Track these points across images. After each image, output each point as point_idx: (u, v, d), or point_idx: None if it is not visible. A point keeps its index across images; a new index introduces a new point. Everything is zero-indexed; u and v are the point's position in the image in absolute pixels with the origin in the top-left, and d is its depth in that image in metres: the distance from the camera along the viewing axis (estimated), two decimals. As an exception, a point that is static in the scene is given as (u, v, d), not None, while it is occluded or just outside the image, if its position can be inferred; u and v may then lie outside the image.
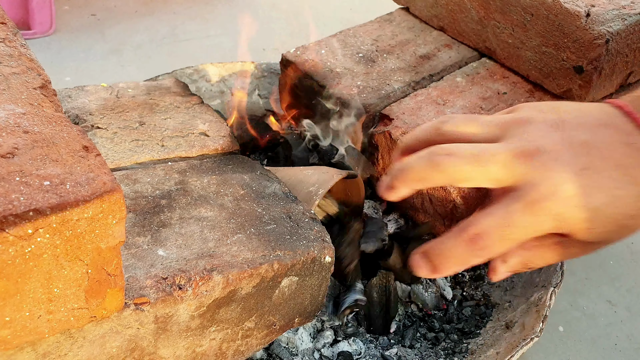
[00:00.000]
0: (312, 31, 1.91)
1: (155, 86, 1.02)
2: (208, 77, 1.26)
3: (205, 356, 0.71)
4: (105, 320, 0.59)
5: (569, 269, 1.15)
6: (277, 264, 0.69)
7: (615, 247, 1.23)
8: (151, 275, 0.63)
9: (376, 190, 1.03)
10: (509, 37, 1.04)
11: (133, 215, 0.71)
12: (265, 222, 0.74)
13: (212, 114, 0.96)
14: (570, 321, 1.07)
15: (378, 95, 1.01)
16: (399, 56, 1.11)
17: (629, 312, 1.10)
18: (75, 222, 0.47)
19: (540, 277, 0.95)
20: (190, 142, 0.88)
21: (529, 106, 0.59)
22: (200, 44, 1.85)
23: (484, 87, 1.04)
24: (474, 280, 1.02)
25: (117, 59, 1.74)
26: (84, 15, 1.93)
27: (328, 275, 0.77)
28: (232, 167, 0.85)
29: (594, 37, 0.91)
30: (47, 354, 0.57)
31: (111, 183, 0.49)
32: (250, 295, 0.69)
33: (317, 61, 1.09)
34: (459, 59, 1.11)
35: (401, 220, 1.03)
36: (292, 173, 0.90)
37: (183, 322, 0.65)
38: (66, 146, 0.52)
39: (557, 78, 0.99)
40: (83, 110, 0.92)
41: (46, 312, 0.50)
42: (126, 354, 0.63)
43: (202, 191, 0.78)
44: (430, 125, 0.61)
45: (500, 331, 0.89)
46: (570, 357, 1.01)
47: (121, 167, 0.82)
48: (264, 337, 0.75)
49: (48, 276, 0.48)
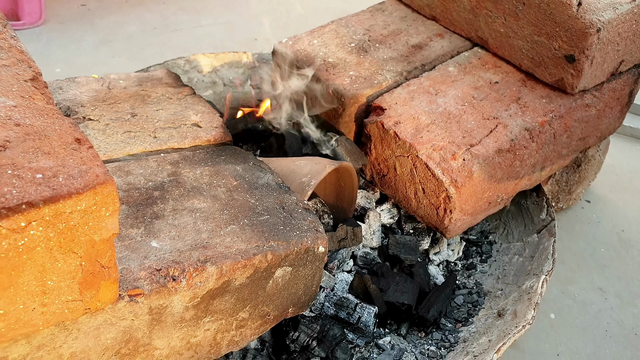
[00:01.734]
0: (304, 21, 1.91)
1: (146, 77, 1.01)
2: (200, 67, 1.25)
3: (200, 347, 0.71)
4: (100, 312, 0.59)
5: (560, 258, 1.16)
6: (271, 254, 0.70)
7: (605, 236, 1.24)
8: (145, 267, 0.63)
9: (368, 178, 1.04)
10: (500, 26, 1.04)
11: (126, 207, 0.71)
12: (258, 213, 0.75)
13: (204, 104, 0.95)
14: (561, 308, 1.09)
15: (370, 85, 1.01)
16: (391, 46, 1.11)
17: (619, 299, 1.11)
18: (68, 215, 0.47)
19: (532, 265, 0.95)
20: (182, 133, 0.88)
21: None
22: (191, 34, 1.84)
23: (476, 76, 1.04)
24: (466, 269, 1.03)
25: (108, 50, 1.73)
26: (74, 6, 1.91)
27: (322, 266, 0.77)
28: (225, 158, 0.85)
29: (585, 26, 0.92)
30: (42, 346, 0.58)
31: (104, 175, 0.49)
32: (244, 286, 0.70)
33: (309, 51, 1.09)
34: (451, 48, 1.11)
35: (394, 209, 1.03)
36: (284, 164, 0.90)
37: (177, 313, 0.65)
38: (58, 139, 0.52)
39: (548, 67, 0.99)
40: (74, 102, 0.91)
41: (40, 304, 0.50)
42: (121, 345, 0.63)
43: (195, 182, 0.78)
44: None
45: (493, 319, 0.90)
46: (562, 344, 1.03)
47: (113, 159, 0.82)
48: (258, 327, 0.76)
49: (42, 269, 0.48)
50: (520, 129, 0.94)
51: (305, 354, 0.82)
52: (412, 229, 1.01)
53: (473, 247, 1.07)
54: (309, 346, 0.82)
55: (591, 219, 1.28)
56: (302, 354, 0.82)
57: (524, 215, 1.06)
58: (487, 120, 0.95)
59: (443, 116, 0.96)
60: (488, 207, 0.97)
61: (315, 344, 0.82)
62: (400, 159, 0.95)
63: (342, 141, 0.98)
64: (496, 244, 1.06)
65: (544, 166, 1.01)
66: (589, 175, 1.26)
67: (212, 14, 1.96)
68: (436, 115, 0.96)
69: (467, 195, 0.90)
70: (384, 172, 0.99)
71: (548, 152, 0.99)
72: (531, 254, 0.98)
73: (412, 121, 0.95)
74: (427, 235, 1.01)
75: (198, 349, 0.71)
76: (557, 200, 1.23)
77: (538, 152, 0.97)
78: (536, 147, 0.95)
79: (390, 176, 0.98)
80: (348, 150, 0.97)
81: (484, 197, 0.94)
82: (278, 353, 0.84)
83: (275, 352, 0.85)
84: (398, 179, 0.97)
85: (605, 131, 1.13)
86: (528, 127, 0.94)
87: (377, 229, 0.99)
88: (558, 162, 1.05)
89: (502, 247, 1.05)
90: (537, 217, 1.04)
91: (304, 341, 0.82)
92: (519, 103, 0.98)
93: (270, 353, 0.85)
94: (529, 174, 0.99)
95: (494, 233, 1.09)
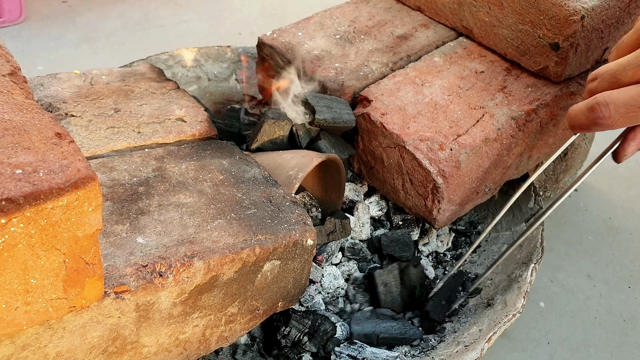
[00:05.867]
0: (288, 13, 1.90)
1: (129, 72, 1.00)
2: (184, 62, 1.24)
3: (189, 343, 0.70)
4: (85, 310, 0.58)
5: (548, 245, 1.16)
6: (259, 248, 0.69)
7: (592, 223, 1.25)
8: (131, 263, 0.62)
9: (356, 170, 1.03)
10: (485, 16, 1.04)
11: (111, 203, 0.70)
12: (245, 207, 0.74)
13: (188, 99, 0.94)
14: (550, 296, 1.09)
15: (356, 77, 1.01)
16: (376, 37, 1.11)
17: (607, 286, 1.11)
18: (50, 211, 0.46)
19: (520, 254, 0.96)
20: (167, 128, 0.87)
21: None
22: (174, 29, 1.82)
23: (461, 66, 1.04)
24: (455, 259, 1.03)
25: (90, 47, 1.71)
26: (55, 3, 1.89)
27: (310, 259, 0.77)
28: (211, 152, 0.84)
29: (569, 13, 0.92)
30: (27, 346, 0.56)
31: (85, 170, 0.48)
32: (233, 281, 0.69)
33: (294, 44, 1.08)
34: (436, 38, 1.11)
35: (383, 202, 1.03)
36: (271, 157, 0.89)
37: (165, 310, 0.65)
38: (38, 133, 0.51)
39: (533, 55, 0.99)
40: (56, 98, 0.90)
41: (23, 303, 0.49)
42: (108, 344, 0.62)
43: (180, 177, 0.77)
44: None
45: (482, 308, 0.90)
46: (552, 331, 1.03)
47: (97, 155, 0.80)
48: (247, 322, 0.75)
49: (24, 267, 0.47)
50: (507, 118, 0.94)
51: (297, 349, 0.81)
52: (401, 221, 1.01)
53: (462, 237, 1.07)
54: (300, 341, 0.81)
55: (578, 207, 1.29)
56: (294, 349, 0.82)
57: (512, 205, 1.06)
58: (474, 109, 0.95)
59: (429, 106, 0.96)
60: (476, 197, 0.97)
61: (307, 339, 0.81)
62: (387, 151, 0.94)
63: (326, 134, 0.97)
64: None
65: (531, 155, 1.01)
66: (575, 164, 1.26)
67: (195, 8, 1.94)
68: (423, 105, 0.96)
69: (454, 185, 0.90)
70: (372, 164, 0.99)
71: (535, 140, 0.99)
72: (520, 243, 0.98)
73: (399, 112, 0.95)
74: (416, 226, 1.00)
75: (187, 346, 0.70)
76: (545, 189, 1.23)
77: (525, 141, 0.96)
78: (523, 135, 0.95)
79: (378, 168, 0.98)
80: (332, 142, 0.96)
81: (472, 187, 0.93)
82: (269, 348, 0.84)
83: (265, 347, 0.84)
84: (386, 171, 0.96)
85: (590, 119, 1.13)
86: (514, 116, 0.94)
87: (366, 221, 0.99)
88: (545, 151, 1.05)
89: (490, 237, 1.05)
90: (525, 206, 1.04)
91: (295, 336, 0.81)
92: (505, 92, 0.98)
93: (260, 348, 0.84)
94: (516, 163, 0.99)
95: (483, 223, 1.09)
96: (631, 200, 1.31)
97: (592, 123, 0.62)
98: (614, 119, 0.60)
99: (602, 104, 0.60)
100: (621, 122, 0.60)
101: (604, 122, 0.61)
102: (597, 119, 0.61)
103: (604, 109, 0.60)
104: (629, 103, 0.58)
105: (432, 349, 0.85)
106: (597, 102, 0.60)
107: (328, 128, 0.95)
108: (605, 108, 0.60)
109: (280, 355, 0.82)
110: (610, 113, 0.60)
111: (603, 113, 0.60)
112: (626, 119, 0.60)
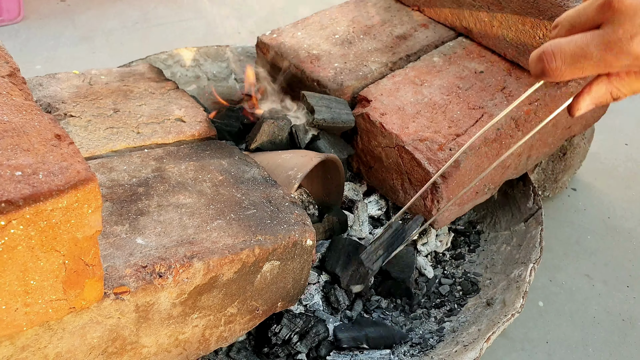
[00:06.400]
0: (287, 13, 1.89)
1: (128, 72, 1.00)
2: (183, 62, 1.24)
3: (189, 343, 0.70)
4: (85, 311, 0.58)
5: (547, 246, 1.16)
6: (258, 248, 0.69)
7: (591, 223, 1.25)
8: (130, 264, 0.62)
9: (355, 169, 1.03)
10: (485, 16, 1.04)
11: (110, 204, 0.70)
12: (245, 207, 0.74)
13: (187, 99, 0.94)
14: (549, 296, 1.09)
15: (355, 77, 1.01)
16: (375, 37, 1.11)
17: (606, 286, 1.12)
18: (49, 213, 0.46)
19: (519, 254, 0.96)
20: (166, 129, 0.87)
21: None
22: (172, 28, 1.82)
23: (460, 66, 1.04)
24: (454, 259, 1.03)
25: (88, 46, 1.70)
26: (53, 2, 1.89)
27: (310, 259, 0.77)
28: (210, 152, 0.84)
29: (568, 14, 0.92)
30: (26, 347, 0.57)
31: (85, 172, 0.48)
32: (232, 281, 0.69)
33: (293, 43, 1.08)
34: (435, 38, 1.11)
35: (382, 201, 1.03)
36: (270, 157, 0.89)
37: (164, 310, 0.65)
38: (37, 135, 0.51)
39: (533, 56, 0.99)
40: (55, 98, 0.90)
41: (23, 304, 0.49)
42: (107, 344, 0.62)
43: (180, 178, 0.77)
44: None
45: (482, 308, 0.90)
46: (551, 331, 1.03)
47: (96, 155, 0.80)
48: (246, 322, 0.75)
49: (24, 268, 0.47)
50: (506, 118, 0.94)
51: (287, 347, 0.81)
52: (400, 220, 1.01)
53: (461, 237, 1.07)
54: (290, 340, 0.81)
55: (577, 207, 1.29)
56: (284, 348, 0.81)
57: (511, 205, 1.07)
58: (473, 109, 0.95)
59: (429, 106, 0.96)
60: (475, 196, 0.97)
61: (297, 339, 0.81)
62: (386, 151, 0.94)
63: (325, 133, 0.97)
64: (484, 234, 1.06)
65: (530, 155, 1.01)
66: (574, 164, 1.26)
67: (195, 7, 1.94)
68: (422, 105, 0.96)
69: (454, 185, 0.90)
70: (371, 164, 0.99)
71: (534, 140, 0.99)
72: (519, 243, 0.98)
73: (398, 112, 0.95)
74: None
75: (187, 346, 0.70)
76: (544, 188, 1.23)
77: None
78: (522, 136, 0.95)
79: (377, 168, 0.98)
80: (331, 142, 0.96)
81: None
82: (260, 345, 0.83)
83: (257, 344, 0.84)
84: (385, 171, 0.97)
85: (590, 119, 1.13)
86: (514, 116, 0.94)
87: (365, 219, 0.99)
88: (544, 151, 1.05)
89: (489, 237, 1.05)
90: (524, 206, 1.04)
91: (286, 335, 0.81)
92: (505, 92, 0.98)
93: (252, 345, 0.84)
94: (515, 163, 0.99)
95: (482, 223, 1.09)
96: (630, 200, 1.31)
97: (540, 73, 0.58)
98: (560, 70, 0.56)
99: (547, 53, 0.56)
100: (569, 74, 0.56)
101: (551, 73, 0.56)
102: (545, 70, 0.57)
103: (549, 58, 0.56)
104: (575, 53, 0.55)
105: (431, 349, 0.85)
106: (544, 52, 0.56)
107: (327, 128, 0.95)
108: (551, 58, 0.56)
109: (271, 353, 0.82)
110: (556, 64, 0.56)
111: (549, 64, 0.56)
112: (574, 70, 0.56)
